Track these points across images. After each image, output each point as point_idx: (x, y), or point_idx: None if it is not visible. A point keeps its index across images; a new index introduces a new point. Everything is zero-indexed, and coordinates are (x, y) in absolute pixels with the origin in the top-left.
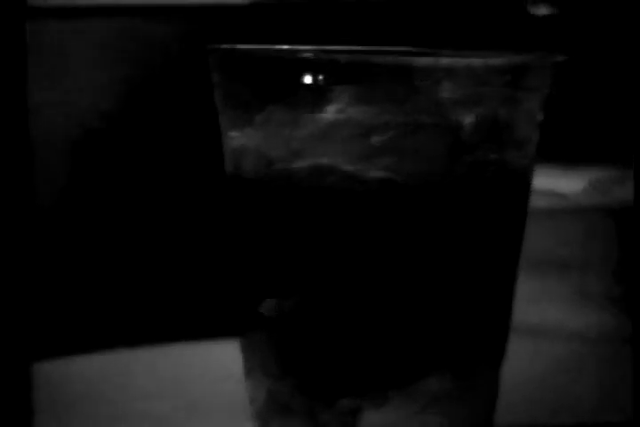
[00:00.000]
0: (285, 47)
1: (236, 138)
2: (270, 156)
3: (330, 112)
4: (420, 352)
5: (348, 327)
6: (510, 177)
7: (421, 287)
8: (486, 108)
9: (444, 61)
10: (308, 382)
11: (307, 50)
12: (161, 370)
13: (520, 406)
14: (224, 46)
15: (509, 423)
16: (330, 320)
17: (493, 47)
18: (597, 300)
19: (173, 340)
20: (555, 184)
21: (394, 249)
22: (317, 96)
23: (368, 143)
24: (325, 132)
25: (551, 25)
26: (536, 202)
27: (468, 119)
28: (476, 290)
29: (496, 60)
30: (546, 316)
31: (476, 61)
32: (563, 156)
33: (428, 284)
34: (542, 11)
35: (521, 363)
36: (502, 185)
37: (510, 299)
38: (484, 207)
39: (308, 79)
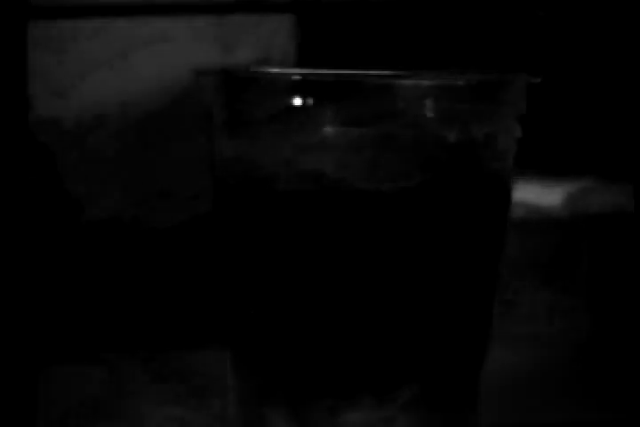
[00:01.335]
0: (276, 70)
1: (227, 150)
2: (259, 167)
3: (317, 130)
4: (397, 360)
5: (330, 332)
6: (489, 190)
7: (402, 293)
8: (466, 124)
9: (426, 82)
10: (292, 382)
11: (296, 73)
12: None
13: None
14: (219, 68)
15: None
16: (312, 325)
17: (476, 66)
18: (568, 308)
19: (165, 347)
20: (531, 196)
21: (375, 256)
22: (305, 114)
23: (352, 157)
24: (312, 148)
25: (528, 42)
26: (512, 213)
27: (448, 135)
28: (456, 298)
29: (475, 80)
30: (522, 322)
31: (456, 81)
32: (540, 167)
33: (409, 289)
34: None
35: (495, 368)
36: (481, 197)
37: (490, 308)
38: (464, 218)
39: (297, 99)
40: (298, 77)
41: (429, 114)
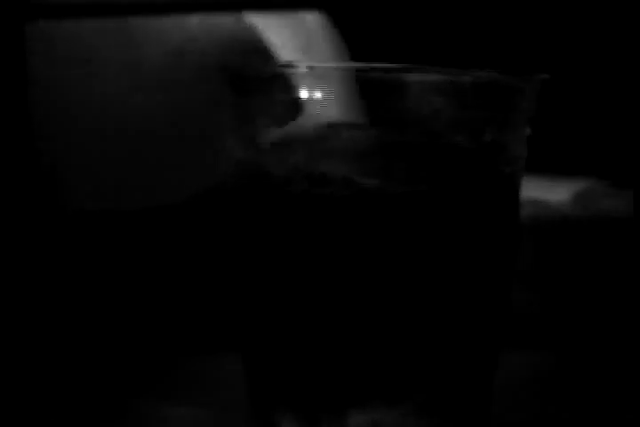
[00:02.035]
0: (283, 63)
1: (236, 151)
2: (270, 168)
3: (325, 130)
4: (409, 365)
5: (342, 336)
6: (499, 190)
7: (414, 299)
8: (475, 124)
9: (432, 77)
10: (304, 386)
11: (302, 66)
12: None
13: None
14: (222, 65)
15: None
16: (321, 329)
17: (482, 66)
18: (575, 308)
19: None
20: (541, 195)
21: (390, 258)
22: (311, 113)
23: (362, 160)
24: (322, 149)
25: (536, 44)
26: (522, 212)
27: (457, 135)
28: (469, 303)
29: (483, 78)
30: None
31: (464, 78)
32: (549, 167)
33: (421, 295)
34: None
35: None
36: (491, 197)
37: (504, 313)
38: (473, 219)
39: (303, 93)
40: (303, 70)
41: (438, 116)
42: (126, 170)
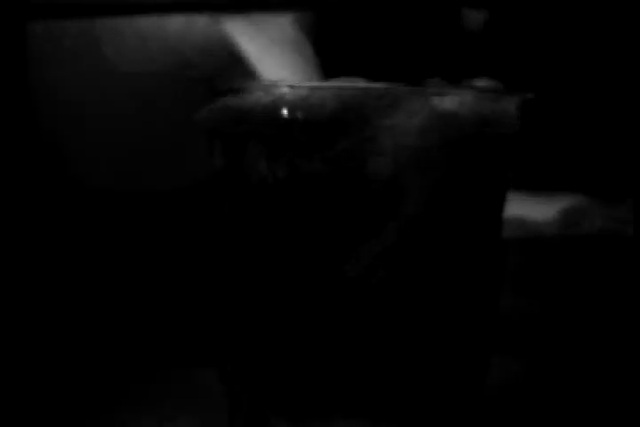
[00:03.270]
0: (269, 83)
1: (218, 160)
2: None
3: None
4: (398, 377)
5: (325, 344)
6: (483, 207)
7: (401, 313)
8: (460, 142)
9: (422, 95)
10: (288, 401)
11: (284, 85)
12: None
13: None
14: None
15: None
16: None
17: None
18: (561, 326)
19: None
20: (526, 214)
21: (372, 267)
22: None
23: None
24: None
25: (519, 62)
26: (507, 231)
27: (442, 156)
28: (455, 314)
29: (469, 96)
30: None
31: (450, 96)
32: (534, 186)
33: (409, 310)
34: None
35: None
36: (475, 216)
37: (491, 323)
38: (457, 237)
39: (284, 112)
40: (284, 90)
41: (423, 136)
42: (125, 168)
